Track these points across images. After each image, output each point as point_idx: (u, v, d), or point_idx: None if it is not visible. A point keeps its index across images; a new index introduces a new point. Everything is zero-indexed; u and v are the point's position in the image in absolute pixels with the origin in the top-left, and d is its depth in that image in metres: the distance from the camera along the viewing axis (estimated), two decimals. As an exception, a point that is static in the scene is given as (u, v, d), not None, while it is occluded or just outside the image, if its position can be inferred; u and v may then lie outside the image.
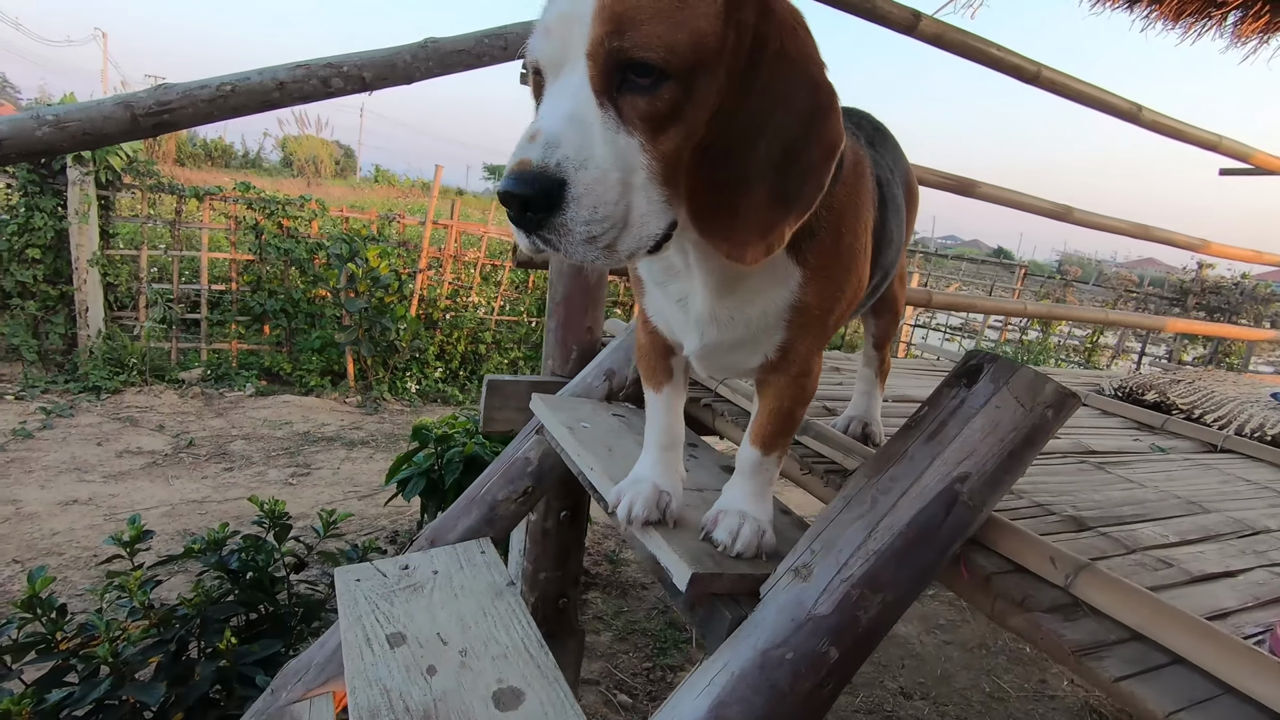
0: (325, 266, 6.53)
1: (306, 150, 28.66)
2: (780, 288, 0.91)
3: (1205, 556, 1.17)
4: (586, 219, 0.68)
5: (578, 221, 0.68)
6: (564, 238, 0.69)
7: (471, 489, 1.71)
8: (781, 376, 1.03)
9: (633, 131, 0.70)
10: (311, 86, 1.47)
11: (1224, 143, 3.35)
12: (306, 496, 4.19)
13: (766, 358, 1.00)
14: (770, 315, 0.94)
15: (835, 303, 0.96)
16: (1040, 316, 3.34)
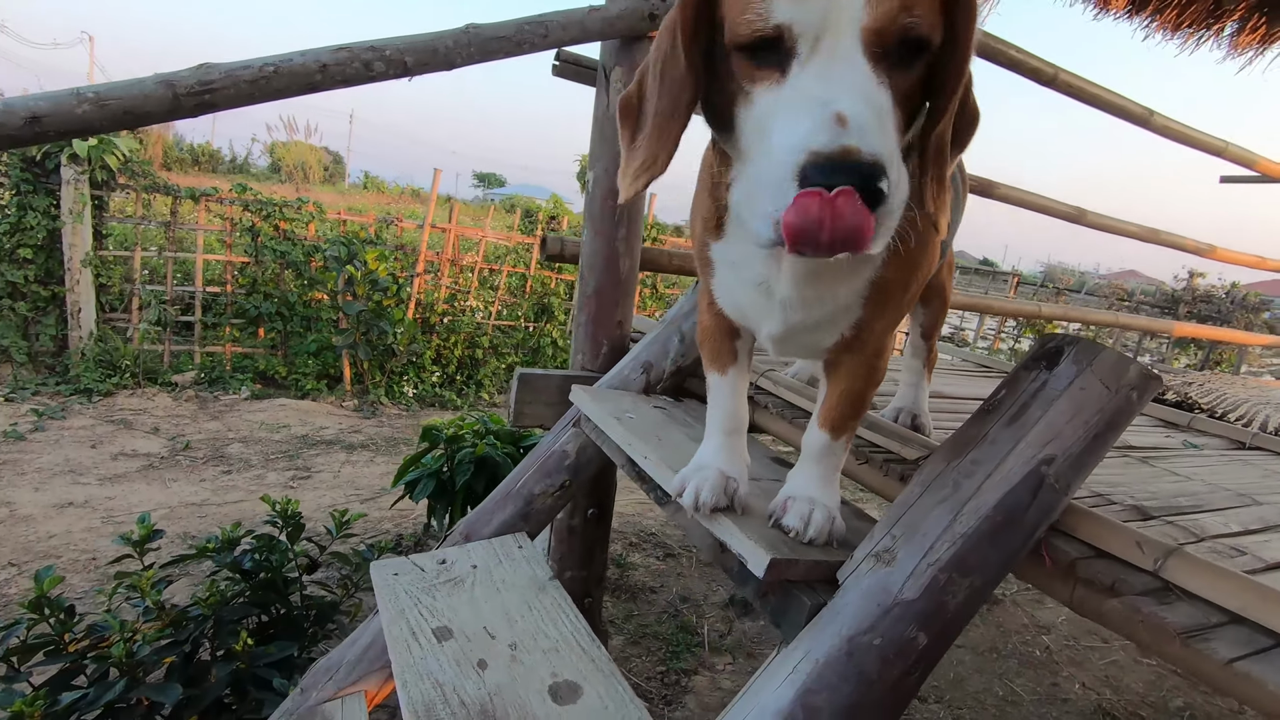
0: (322, 269, 6.46)
1: (295, 156, 28.52)
2: (866, 263, 0.89)
3: (1272, 545, 1.16)
4: (894, 213, 0.66)
5: (889, 216, 0.65)
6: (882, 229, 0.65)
7: (505, 483, 1.68)
8: (855, 356, 1.01)
9: (897, 112, 0.68)
10: (354, 70, 1.44)
11: (1229, 148, 3.39)
12: (309, 499, 4.11)
13: (842, 336, 0.98)
14: (853, 292, 0.92)
15: (913, 278, 0.95)
16: (1054, 317, 3.35)
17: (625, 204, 1.89)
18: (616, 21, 1.69)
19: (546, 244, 2.01)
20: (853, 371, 1.02)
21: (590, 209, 1.88)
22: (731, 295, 1.04)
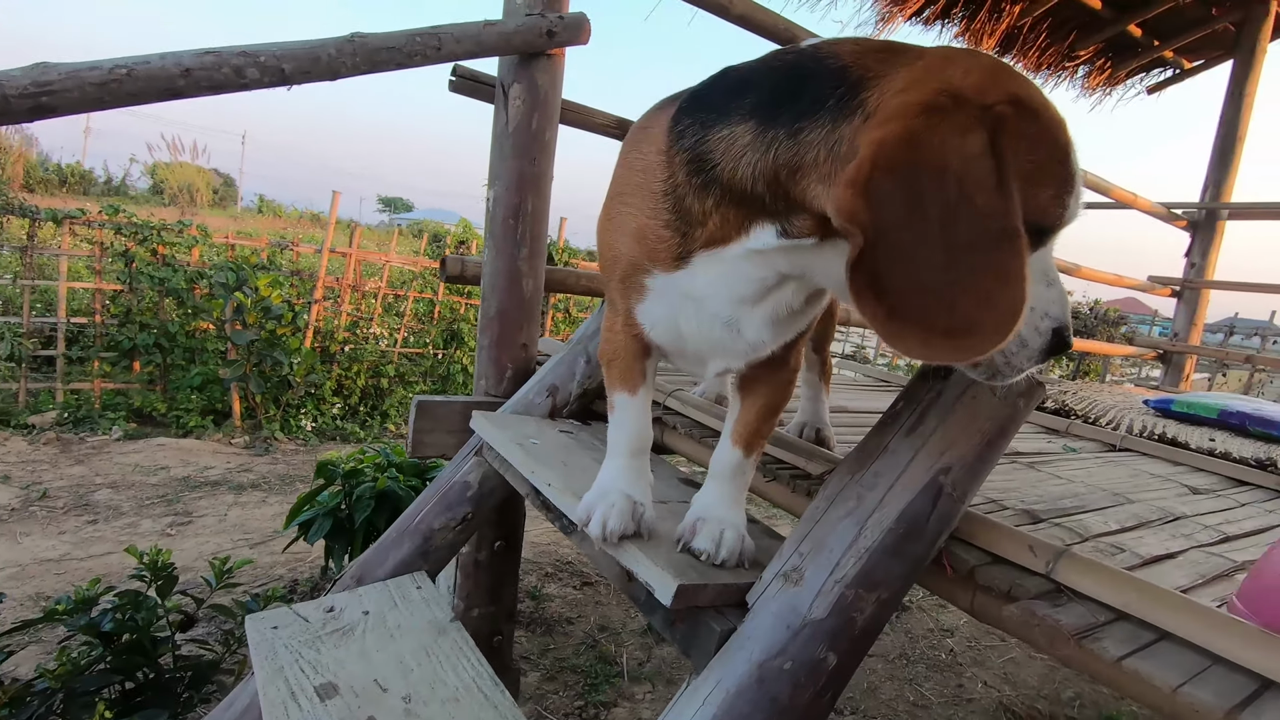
0: (208, 297, 6.01)
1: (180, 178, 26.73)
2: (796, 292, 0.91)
3: (1145, 541, 1.22)
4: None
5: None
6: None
7: (402, 519, 1.57)
8: (777, 373, 1.01)
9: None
10: (223, 76, 1.33)
11: (1087, 177, 3.71)
12: (189, 548, 3.75)
13: (772, 354, 0.97)
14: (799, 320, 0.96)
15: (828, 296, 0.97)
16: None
17: (533, 219, 1.84)
18: (513, 37, 1.65)
19: (446, 265, 1.92)
20: (772, 387, 1.02)
21: (491, 228, 1.82)
22: (673, 324, 0.98)
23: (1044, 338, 0.83)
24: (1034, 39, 4.68)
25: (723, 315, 0.91)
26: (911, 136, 0.69)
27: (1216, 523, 1.44)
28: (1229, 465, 1.99)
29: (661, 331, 1.01)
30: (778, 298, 0.89)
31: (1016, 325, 0.71)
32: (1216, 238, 4.61)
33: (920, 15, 4.33)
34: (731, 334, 0.92)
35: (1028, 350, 0.83)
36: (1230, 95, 4.58)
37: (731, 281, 0.88)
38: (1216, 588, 1.04)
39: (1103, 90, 5.33)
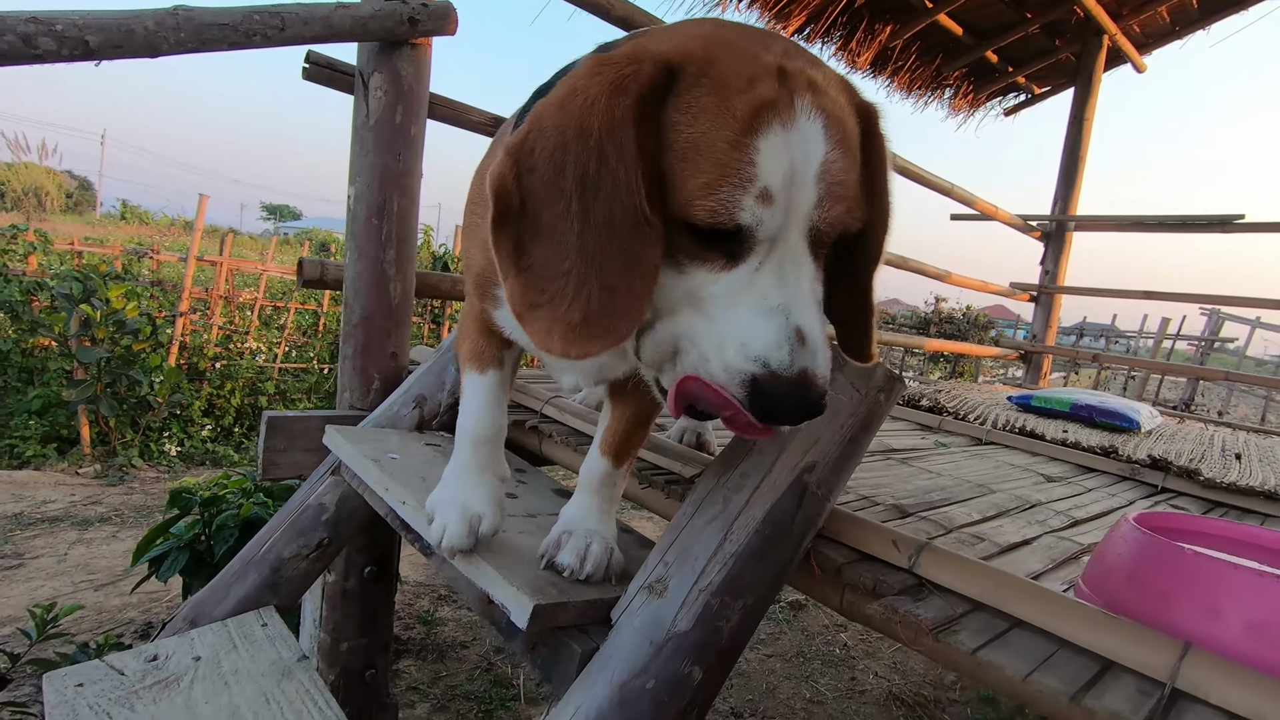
0: (48, 310, 5.35)
1: (26, 180, 24.05)
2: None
3: (1004, 530, 1.27)
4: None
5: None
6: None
7: (247, 549, 1.40)
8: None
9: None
10: (6, 44, 1.14)
11: (955, 189, 3.97)
12: (17, 595, 3.29)
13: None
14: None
15: None
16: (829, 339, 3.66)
17: (399, 218, 1.72)
18: (370, 22, 1.54)
19: (304, 268, 1.76)
20: (643, 394, 0.95)
21: (352, 227, 1.69)
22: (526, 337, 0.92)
23: (736, 380, 0.63)
24: (905, 60, 4.98)
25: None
26: (567, 95, 0.64)
27: (1067, 508, 1.53)
28: (1079, 454, 2.15)
29: (520, 338, 0.95)
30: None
31: (625, 328, 0.65)
32: (1066, 247, 5.06)
33: (802, 32, 4.50)
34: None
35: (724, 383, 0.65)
36: (1072, 119, 5.05)
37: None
38: (1066, 571, 1.09)
39: (967, 111, 5.76)
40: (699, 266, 0.66)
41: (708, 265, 0.66)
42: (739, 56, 0.64)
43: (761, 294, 0.64)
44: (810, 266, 0.67)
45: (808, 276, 0.67)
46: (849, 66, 4.81)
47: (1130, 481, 1.97)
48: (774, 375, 0.62)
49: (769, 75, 0.63)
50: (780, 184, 0.62)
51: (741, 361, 0.63)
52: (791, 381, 0.62)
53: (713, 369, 0.65)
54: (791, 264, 0.65)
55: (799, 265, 0.66)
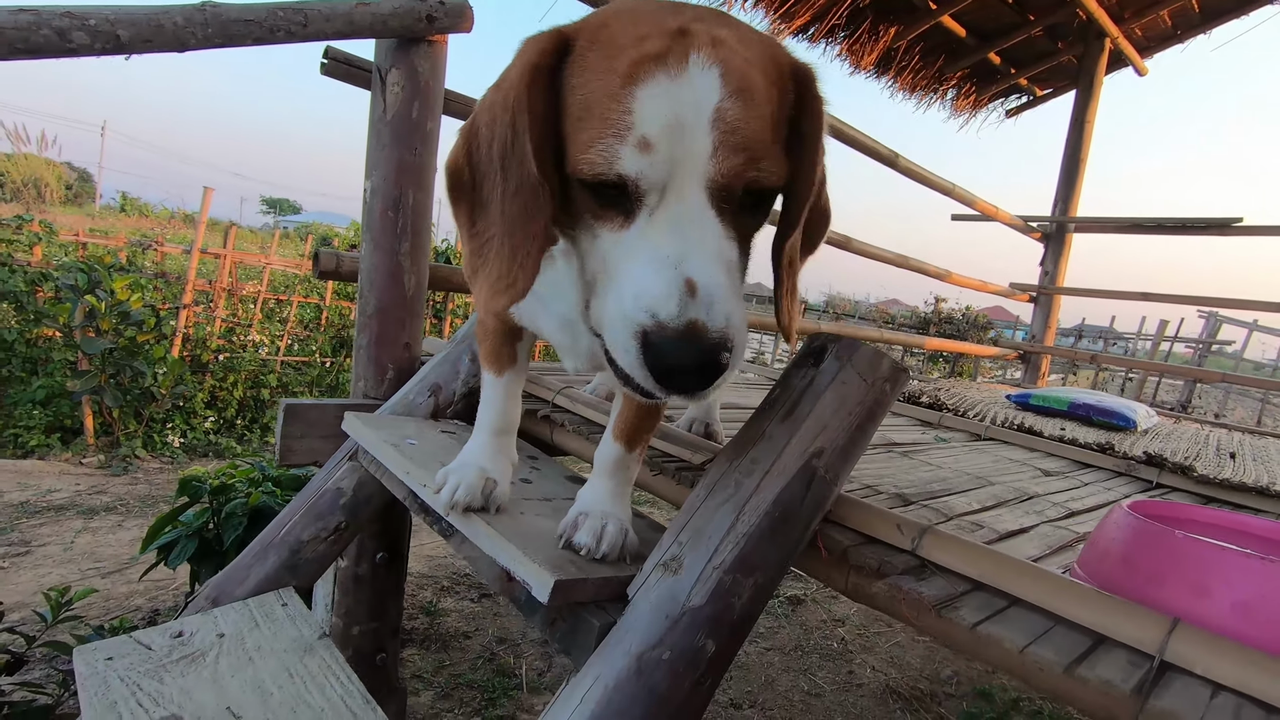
0: (53, 301, 5.38)
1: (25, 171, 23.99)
2: None
3: (1003, 518, 1.31)
4: (737, 367, 0.65)
5: (731, 373, 0.65)
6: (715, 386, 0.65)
7: (267, 532, 1.44)
8: None
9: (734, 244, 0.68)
10: (42, 38, 1.18)
11: (956, 189, 4.01)
12: (25, 581, 3.33)
13: None
14: None
15: None
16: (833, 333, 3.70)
17: (414, 212, 1.76)
18: (389, 19, 1.57)
19: (320, 260, 1.80)
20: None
21: (368, 220, 1.72)
22: (534, 319, 0.99)
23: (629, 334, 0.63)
24: (909, 61, 5.02)
25: (561, 315, 0.91)
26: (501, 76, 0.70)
27: (1064, 500, 1.57)
28: (1076, 450, 2.19)
29: (526, 321, 1.01)
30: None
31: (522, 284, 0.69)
32: (1066, 248, 5.10)
33: (806, 32, 4.54)
34: (571, 337, 0.92)
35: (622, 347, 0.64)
36: (1073, 121, 5.09)
37: (559, 281, 0.86)
38: (1062, 556, 1.13)
39: (969, 112, 5.80)
40: (603, 226, 0.68)
41: (609, 224, 0.68)
42: (635, 21, 0.66)
43: (653, 246, 0.64)
44: (713, 221, 0.65)
45: (710, 231, 0.65)
46: (853, 67, 4.85)
47: (1126, 477, 2.01)
48: (660, 326, 0.60)
49: (662, 34, 0.64)
50: (661, 131, 0.62)
51: (633, 314, 0.62)
52: (678, 333, 0.60)
53: (613, 327, 0.65)
54: (687, 217, 0.64)
55: (696, 218, 0.64)
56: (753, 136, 0.64)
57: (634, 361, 0.63)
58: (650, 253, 0.63)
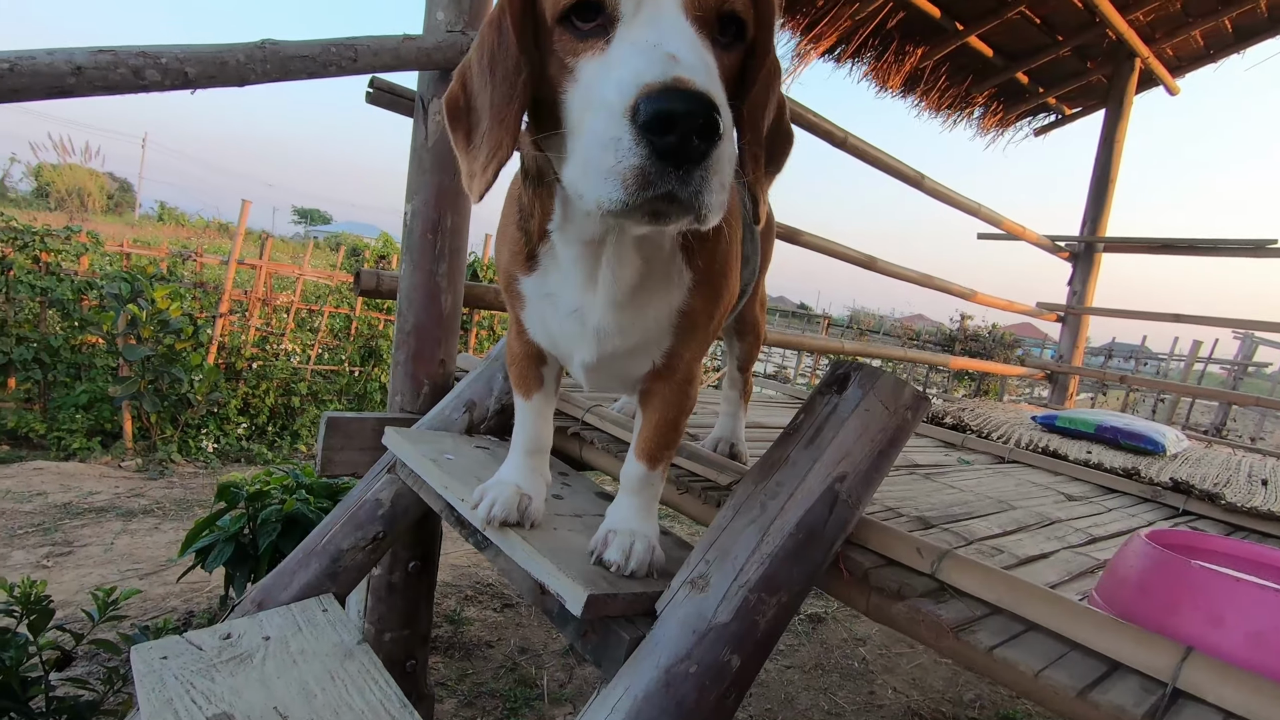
0: (97, 309, 5.59)
1: (70, 181, 24.82)
2: (675, 291, 0.94)
3: (1023, 543, 1.33)
4: (728, 158, 0.63)
5: (723, 160, 0.62)
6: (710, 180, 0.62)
7: (309, 540, 1.51)
8: (667, 385, 1.04)
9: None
10: (119, 76, 1.27)
11: (982, 209, 4.01)
12: (68, 580, 3.45)
13: (654, 364, 1.01)
14: (663, 320, 0.96)
15: (716, 308, 1.01)
16: (856, 354, 3.72)
17: (451, 234, 1.83)
18: (434, 53, 1.65)
19: (361, 278, 1.88)
20: (666, 400, 1.05)
21: (409, 242, 1.80)
22: (544, 326, 1.04)
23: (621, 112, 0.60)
24: (935, 81, 5.04)
25: (569, 306, 0.97)
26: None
27: (1086, 526, 1.58)
28: (1101, 474, 2.19)
29: (541, 335, 1.07)
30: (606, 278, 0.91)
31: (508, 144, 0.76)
32: (1095, 268, 5.06)
33: (833, 53, 4.59)
34: (579, 324, 0.97)
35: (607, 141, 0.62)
36: (1103, 140, 5.06)
37: (565, 270, 0.95)
38: (1081, 583, 1.15)
39: (996, 131, 5.79)
40: (586, 60, 0.70)
41: (591, 52, 0.70)
42: None
43: (631, 39, 0.65)
44: (686, 25, 0.66)
45: (684, 28, 0.66)
46: (880, 87, 4.88)
47: (1151, 503, 2.01)
48: (649, 88, 0.59)
49: None
50: None
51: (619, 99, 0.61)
52: (665, 85, 0.59)
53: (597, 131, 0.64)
54: (663, 17, 0.66)
55: (671, 18, 0.66)
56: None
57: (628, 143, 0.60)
58: (630, 45, 0.65)
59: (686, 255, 0.93)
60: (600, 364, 0.98)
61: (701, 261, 0.94)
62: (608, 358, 0.97)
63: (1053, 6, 4.47)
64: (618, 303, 0.92)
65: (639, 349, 0.98)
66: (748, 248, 1.19)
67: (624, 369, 1.02)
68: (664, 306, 0.94)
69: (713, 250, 0.95)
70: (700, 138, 0.59)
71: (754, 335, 1.56)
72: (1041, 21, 4.65)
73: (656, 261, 0.92)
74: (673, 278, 0.94)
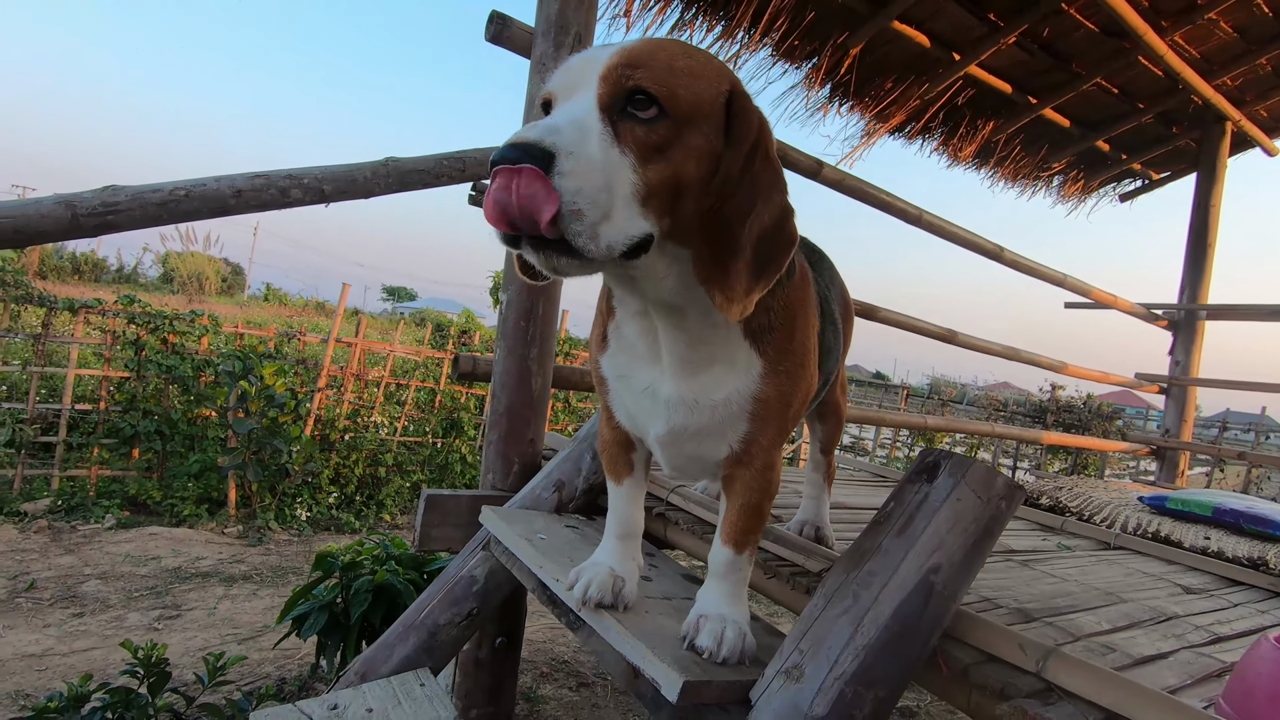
0: (212, 384, 6.10)
1: (191, 267, 27.46)
2: (743, 376, 0.99)
3: (1137, 641, 1.26)
4: (574, 189, 0.73)
5: (565, 190, 0.73)
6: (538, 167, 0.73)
7: (408, 614, 1.58)
8: (747, 470, 1.07)
9: (625, 151, 0.79)
10: (270, 196, 1.47)
11: (1068, 280, 3.91)
12: (176, 642, 3.65)
13: (731, 449, 1.04)
14: (734, 404, 1.00)
15: (793, 395, 1.04)
16: (941, 429, 3.62)
17: (542, 320, 1.95)
18: (530, 160, 1.82)
19: (459, 363, 2.02)
20: (747, 486, 1.08)
21: (503, 328, 1.93)
22: (623, 404, 1.11)
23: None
24: (1009, 152, 5.02)
25: (642, 383, 1.04)
26: None
27: (1208, 623, 1.47)
28: (1223, 565, 2.02)
29: (623, 415, 1.13)
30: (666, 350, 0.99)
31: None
32: (1198, 337, 4.77)
33: (902, 130, 4.67)
34: (651, 399, 1.04)
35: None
36: (1196, 205, 4.87)
37: (632, 345, 1.03)
38: (1205, 688, 1.07)
39: (1078, 198, 5.67)
40: None
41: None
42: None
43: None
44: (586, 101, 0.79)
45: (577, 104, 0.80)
46: (951, 160, 4.90)
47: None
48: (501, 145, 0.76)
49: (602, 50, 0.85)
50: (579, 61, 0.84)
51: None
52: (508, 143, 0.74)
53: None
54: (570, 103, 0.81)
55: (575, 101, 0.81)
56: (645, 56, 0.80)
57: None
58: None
59: (756, 343, 0.99)
60: (675, 439, 1.04)
61: (773, 350, 1.00)
62: (681, 434, 1.03)
63: (1130, 76, 4.43)
64: (683, 376, 0.99)
65: (712, 431, 1.02)
66: (829, 339, 1.23)
67: (699, 450, 1.07)
68: (733, 391, 0.99)
69: (784, 341, 1.01)
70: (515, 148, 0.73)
71: (835, 418, 1.58)
72: (1119, 90, 4.61)
73: (716, 342, 0.98)
74: (739, 362, 0.99)
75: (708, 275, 0.85)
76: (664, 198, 0.81)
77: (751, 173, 0.86)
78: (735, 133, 0.85)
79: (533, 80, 1.93)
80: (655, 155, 0.81)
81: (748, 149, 0.86)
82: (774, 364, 0.99)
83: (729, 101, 0.86)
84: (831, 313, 1.27)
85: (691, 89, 0.82)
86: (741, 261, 0.84)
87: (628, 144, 0.79)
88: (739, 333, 0.98)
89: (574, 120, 0.78)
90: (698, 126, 0.83)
